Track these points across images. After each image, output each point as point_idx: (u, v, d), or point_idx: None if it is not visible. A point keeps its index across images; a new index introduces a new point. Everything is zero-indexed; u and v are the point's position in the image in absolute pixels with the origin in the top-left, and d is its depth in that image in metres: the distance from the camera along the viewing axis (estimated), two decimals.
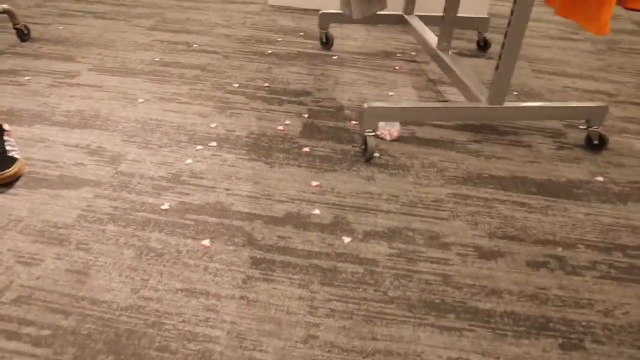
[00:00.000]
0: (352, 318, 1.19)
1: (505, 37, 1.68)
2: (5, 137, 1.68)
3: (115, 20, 2.95)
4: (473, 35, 2.95)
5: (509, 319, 1.22)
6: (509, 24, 1.67)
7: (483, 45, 2.73)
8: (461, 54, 2.71)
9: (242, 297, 1.23)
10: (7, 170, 1.56)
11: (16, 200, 1.51)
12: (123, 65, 2.38)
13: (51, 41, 2.61)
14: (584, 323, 1.23)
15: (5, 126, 1.70)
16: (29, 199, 1.51)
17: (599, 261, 1.42)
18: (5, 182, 1.56)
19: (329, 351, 1.11)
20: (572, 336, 1.19)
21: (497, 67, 1.72)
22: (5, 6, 2.53)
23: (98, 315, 1.17)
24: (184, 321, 1.16)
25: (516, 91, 2.34)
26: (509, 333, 1.19)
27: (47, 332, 1.13)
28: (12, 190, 1.55)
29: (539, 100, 2.25)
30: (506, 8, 3.47)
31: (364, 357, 1.11)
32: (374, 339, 1.15)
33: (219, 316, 1.18)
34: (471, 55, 2.69)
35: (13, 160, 1.60)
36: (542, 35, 3.04)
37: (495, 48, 2.79)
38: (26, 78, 2.23)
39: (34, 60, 2.40)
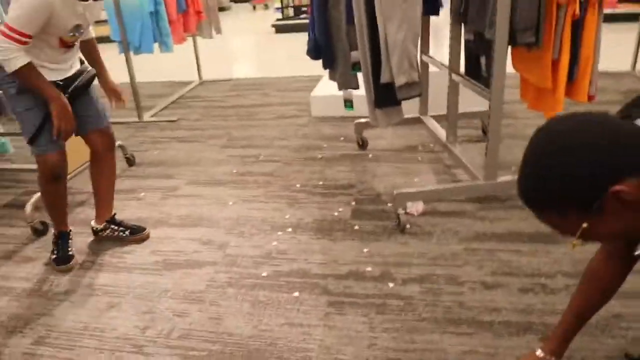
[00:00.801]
0: (398, 331, 1.82)
1: (488, 131, 2.37)
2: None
3: (195, 142, 3.79)
4: (479, 123, 3.64)
5: (505, 325, 1.82)
6: (488, 121, 2.36)
7: (486, 132, 3.41)
8: (470, 140, 3.40)
9: (325, 325, 1.87)
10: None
11: (163, 278, 2.22)
12: (211, 177, 3.14)
13: (152, 164, 3.43)
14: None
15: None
16: (170, 277, 2.22)
17: (571, 284, 2.00)
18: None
19: (385, 352, 1.74)
20: (549, 332, 1.78)
21: (485, 153, 2.41)
22: (119, 142, 3.38)
23: (234, 342, 1.83)
24: (290, 341, 1.81)
25: (515, 166, 2.99)
26: (504, 334, 1.79)
27: (204, 353, 1.79)
28: (157, 273, 2.26)
29: None
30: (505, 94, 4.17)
31: (407, 354, 1.72)
32: (414, 342, 1.77)
33: (311, 337, 1.82)
34: (477, 141, 3.37)
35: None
36: (538, 115, 3.71)
37: None
38: (142, 194, 3.01)
39: (144, 180, 3.19)
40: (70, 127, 2.17)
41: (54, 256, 2.40)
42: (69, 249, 2.41)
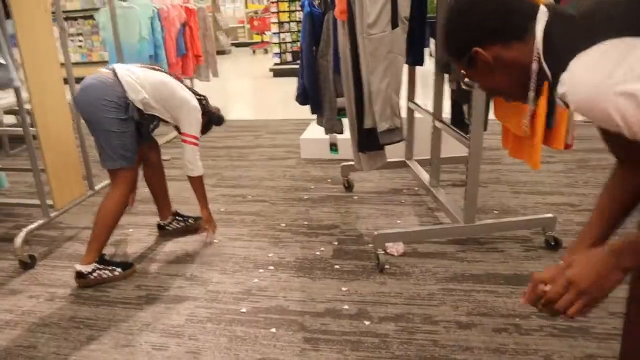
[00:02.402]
0: None
1: (466, 178, 2.45)
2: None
3: (185, 181, 3.76)
4: (464, 168, 3.73)
5: None
6: (466, 168, 2.45)
7: None
8: (454, 184, 3.49)
9: None
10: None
11: (144, 312, 2.25)
12: (199, 215, 3.20)
13: (142, 201, 3.48)
14: None
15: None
16: (152, 311, 2.26)
17: (546, 325, 2.05)
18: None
19: None
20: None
21: (464, 197, 2.48)
22: None
23: None
24: None
25: (497, 210, 3.07)
26: None
27: None
28: (139, 307, 2.29)
29: (514, 216, 2.95)
30: (488, 141, 4.28)
31: None
32: None
33: None
34: (462, 185, 3.45)
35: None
36: (523, 162, 3.81)
37: (481, 176, 3.56)
38: (130, 230, 3.07)
39: (133, 217, 3.25)
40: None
41: (119, 269, 2.55)
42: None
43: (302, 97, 3.15)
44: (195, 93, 2.66)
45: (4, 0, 2.52)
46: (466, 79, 1.21)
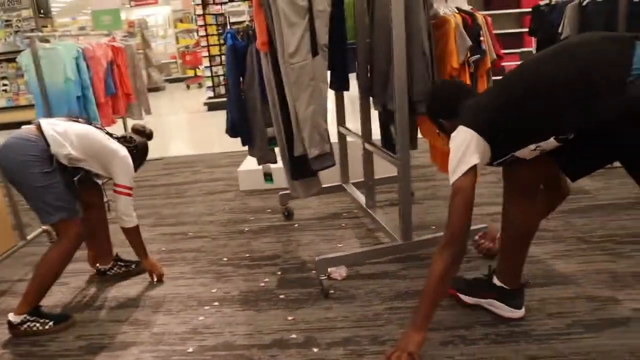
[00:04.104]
0: None
1: (399, 196, 2.50)
2: None
3: None
4: None
5: None
6: (398, 188, 2.50)
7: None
8: (393, 203, 3.54)
9: None
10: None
11: None
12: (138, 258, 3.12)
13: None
14: None
15: None
16: None
17: (490, 333, 2.09)
18: None
19: None
20: None
21: (399, 215, 2.53)
22: (46, 227, 3.31)
23: None
24: None
25: (434, 225, 3.13)
26: None
27: None
28: (80, 357, 2.19)
29: None
30: (419, 159, 4.36)
31: None
32: None
33: None
34: (397, 204, 3.50)
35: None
36: None
37: (417, 193, 3.64)
38: (67, 279, 2.93)
39: (70, 264, 3.11)
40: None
41: (51, 322, 2.41)
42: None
43: (232, 131, 3.16)
44: (121, 139, 2.64)
45: None
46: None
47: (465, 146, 1.87)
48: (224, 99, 8.49)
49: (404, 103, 2.35)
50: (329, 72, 2.64)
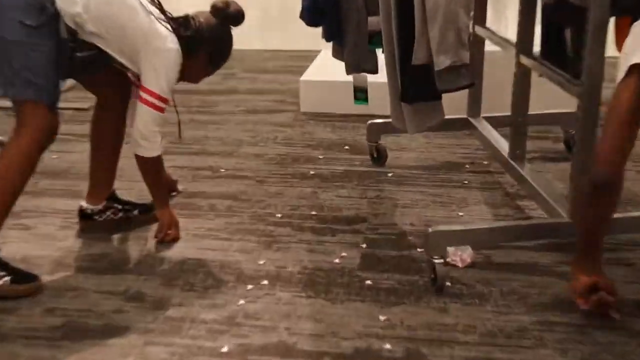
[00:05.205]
0: None
1: (574, 144, 2.40)
2: None
3: None
4: (560, 132, 3.68)
5: None
6: (576, 129, 2.39)
7: (573, 145, 3.43)
8: (545, 157, 3.45)
9: None
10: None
11: (62, 353, 2.19)
12: (140, 198, 3.12)
13: (49, 174, 3.39)
14: None
15: None
16: (76, 351, 2.19)
17: None
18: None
19: None
20: None
21: (570, 179, 2.43)
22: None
23: None
24: None
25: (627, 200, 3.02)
26: None
27: None
28: (54, 345, 2.23)
29: None
30: (605, 90, 4.21)
31: None
32: None
33: None
34: (557, 159, 3.42)
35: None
36: None
37: None
38: (32, 221, 2.99)
39: (36, 199, 3.17)
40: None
41: (7, 277, 2.42)
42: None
43: (312, 14, 3.09)
44: (175, 20, 2.61)
45: None
46: None
47: None
48: None
49: None
50: None
